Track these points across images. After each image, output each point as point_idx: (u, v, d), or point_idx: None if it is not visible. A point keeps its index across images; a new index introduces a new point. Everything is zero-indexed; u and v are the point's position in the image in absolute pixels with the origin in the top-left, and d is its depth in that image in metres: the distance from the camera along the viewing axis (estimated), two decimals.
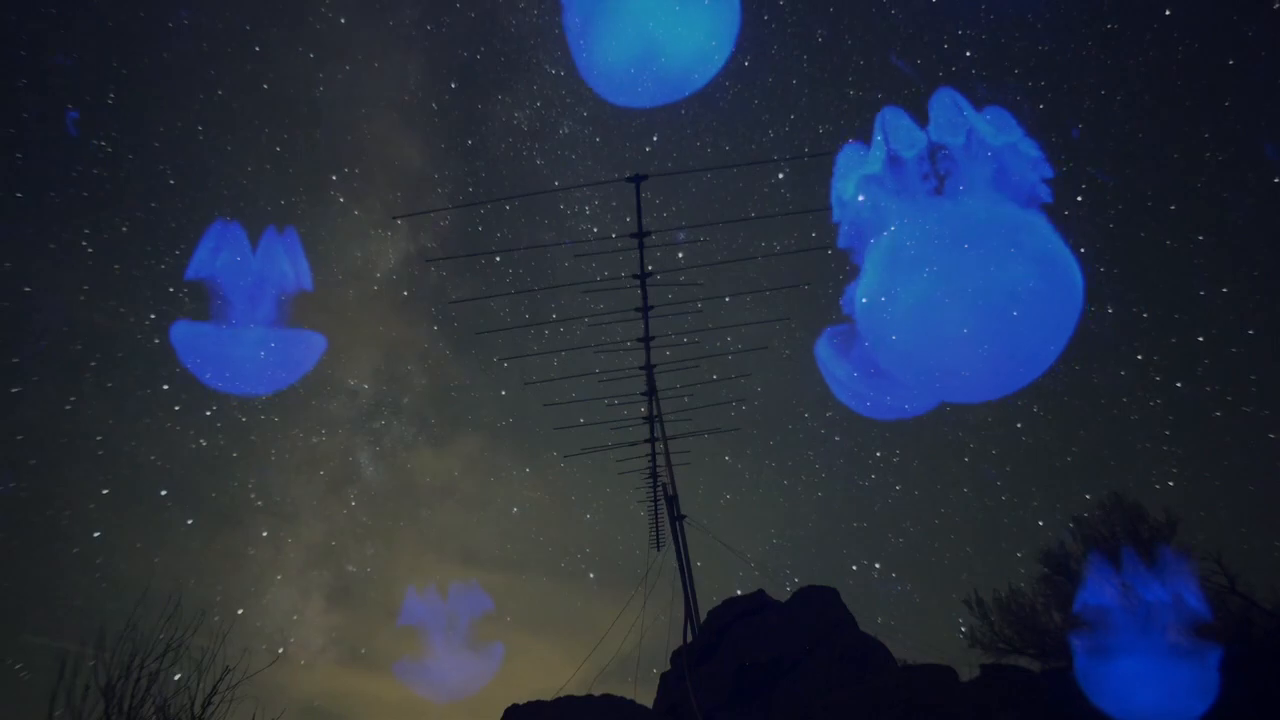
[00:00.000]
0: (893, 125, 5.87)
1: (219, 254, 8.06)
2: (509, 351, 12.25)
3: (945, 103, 5.80)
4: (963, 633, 13.36)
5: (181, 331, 8.17)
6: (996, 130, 5.74)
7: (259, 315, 8.03)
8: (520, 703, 10.77)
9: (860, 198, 5.90)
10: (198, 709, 8.18)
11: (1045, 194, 5.75)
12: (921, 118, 5.87)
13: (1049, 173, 5.70)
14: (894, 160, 5.81)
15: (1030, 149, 5.75)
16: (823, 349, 7.48)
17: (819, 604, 11.00)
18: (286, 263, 8.13)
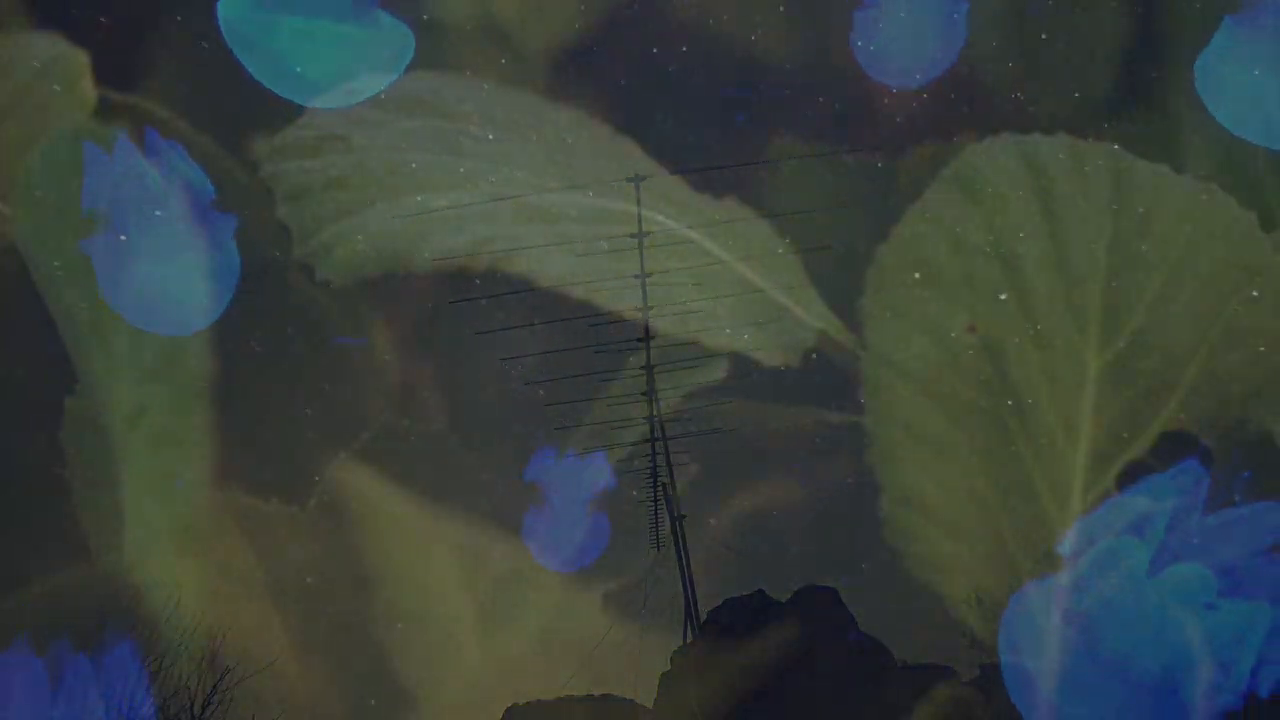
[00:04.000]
0: None
1: None
2: (511, 352, 12.39)
3: None
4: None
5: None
6: None
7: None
8: (520, 703, 10.80)
9: None
10: (198, 709, 8.20)
11: None
12: None
13: None
14: None
15: None
16: None
17: (819, 604, 11.01)
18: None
